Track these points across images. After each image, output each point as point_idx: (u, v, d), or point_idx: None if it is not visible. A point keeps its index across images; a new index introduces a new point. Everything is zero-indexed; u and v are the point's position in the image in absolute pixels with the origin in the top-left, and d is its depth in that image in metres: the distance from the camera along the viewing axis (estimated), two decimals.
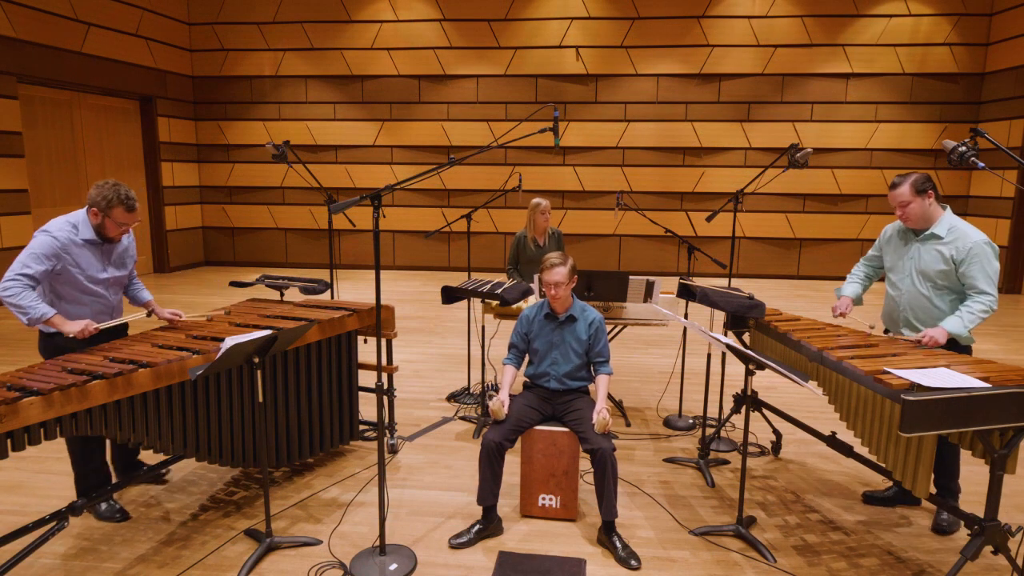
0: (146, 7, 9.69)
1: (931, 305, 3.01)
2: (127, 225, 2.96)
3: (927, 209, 2.96)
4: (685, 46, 9.94)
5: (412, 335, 6.58)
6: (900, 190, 2.97)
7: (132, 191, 2.96)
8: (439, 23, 10.21)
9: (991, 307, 2.85)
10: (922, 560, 2.83)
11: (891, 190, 3.02)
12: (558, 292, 3.11)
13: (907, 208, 2.97)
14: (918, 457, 2.42)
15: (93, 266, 2.96)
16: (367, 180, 10.68)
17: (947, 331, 2.85)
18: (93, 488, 3.00)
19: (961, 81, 9.70)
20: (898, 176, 3.00)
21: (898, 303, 3.14)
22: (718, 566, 2.78)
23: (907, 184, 2.95)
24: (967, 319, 2.85)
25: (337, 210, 2.57)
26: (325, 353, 3.49)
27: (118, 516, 3.10)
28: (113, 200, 2.86)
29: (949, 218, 2.98)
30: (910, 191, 2.94)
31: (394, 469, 3.67)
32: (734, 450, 3.93)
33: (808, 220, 10.28)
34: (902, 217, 3.02)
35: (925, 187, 2.94)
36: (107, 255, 3.03)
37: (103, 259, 3.01)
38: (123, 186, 2.92)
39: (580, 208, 10.51)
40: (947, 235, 2.93)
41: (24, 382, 2.33)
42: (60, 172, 8.70)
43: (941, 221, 2.97)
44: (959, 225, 2.94)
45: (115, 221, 2.90)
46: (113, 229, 2.93)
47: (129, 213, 2.92)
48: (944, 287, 2.96)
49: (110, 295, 3.08)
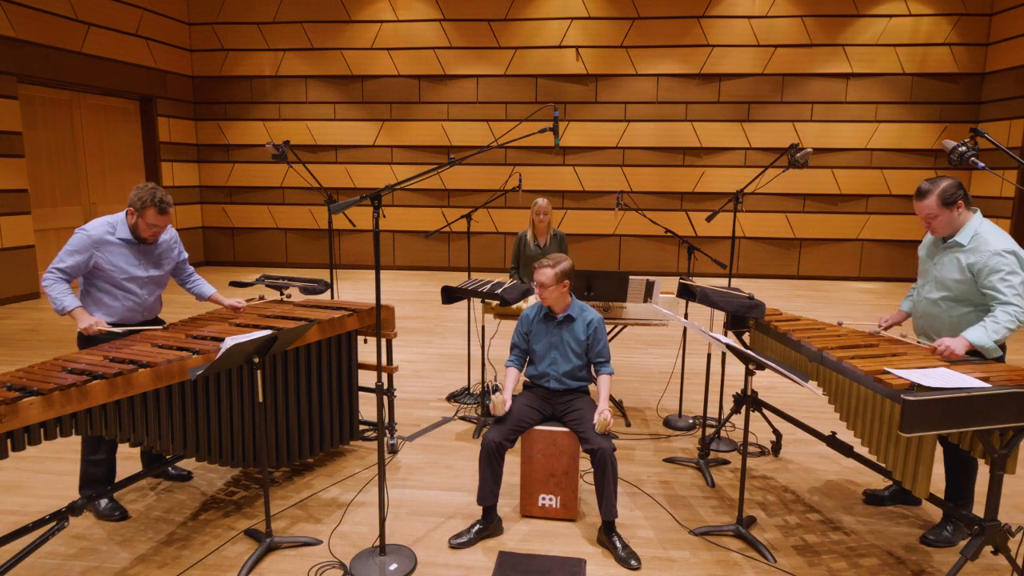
0: (146, 7, 9.69)
1: (938, 315, 2.87)
2: (158, 227, 3.09)
3: (955, 219, 2.78)
4: (685, 46, 9.94)
5: (412, 335, 6.58)
6: (926, 202, 2.77)
7: (168, 195, 3.11)
8: (439, 23, 10.21)
9: (1018, 318, 2.62)
10: (922, 560, 2.83)
11: (917, 199, 2.81)
12: (543, 292, 3.12)
13: (934, 221, 2.79)
14: (918, 457, 2.42)
15: (129, 264, 3.11)
16: (367, 180, 10.68)
17: (968, 341, 2.66)
18: (97, 480, 3.07)
19: (961, 81, 9.70)
20: (926, 181, 2.78)
21: (916, 310, 3.04)
22: (718, 566, 2.78)
23: (934, 196, 2.75)
24: (991, 329, 2.64)
25: (337, 210, 2.57)
26: (325, 353, 3.49)
27: (116, 515, 3.11)
28: (147, 202, 3.01)
29: (975, 225, 2.77)
30: (937, 204, 2.75)
31: (394, 469, 3.67)
32: (734, 450, 3.93)
33: (808, 220, 10.28)
34: (929, 228, 2.85)
35: (954, 198, 2.73)
36: (144, 255, 3.18)
37: (140, 258, 3.16)
38: (160, 189, 3.07)
39: (580, 208, 10.51)
40: (969, 243, 2.75)
41: (24, 382, 2.33)
42: (60, 172, 8.69)
43: (966, 228, 2.78)
44: (983, 232, 2.74)
45: (147, 222, 3.05)
46: (145, 230, 3.07)
47: (161, 215, 3.05)
48: (960, 298, 2.78)
49: (145, 293, 3.21)
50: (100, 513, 3.11)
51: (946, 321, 2.85)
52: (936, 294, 2.88)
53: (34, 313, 7.42)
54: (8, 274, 7.83)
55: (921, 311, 2.99)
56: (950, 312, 2.84)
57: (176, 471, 3.52)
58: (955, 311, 2.83)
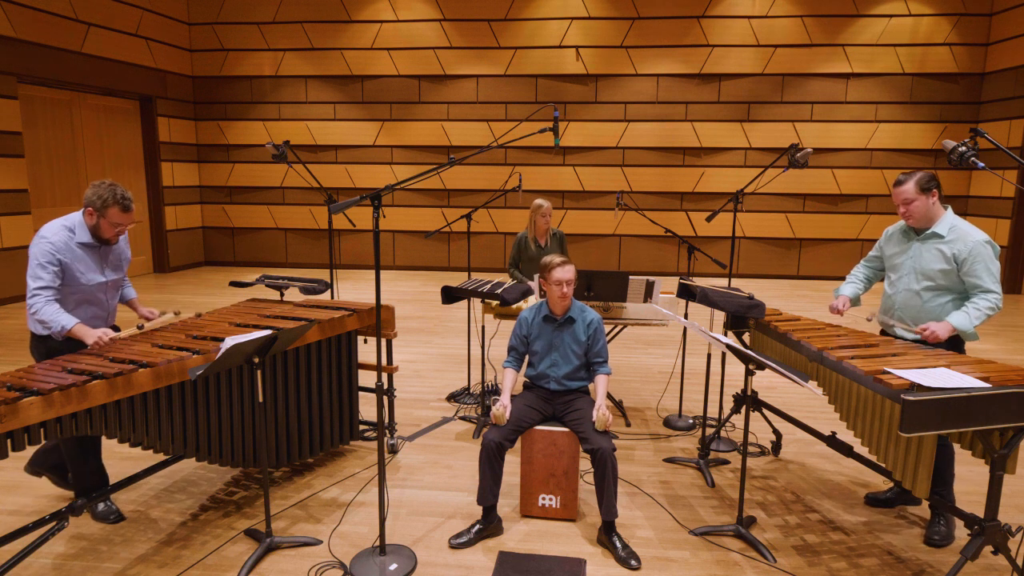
0: (146, 7, 9.69)
1: (922, 305, 3.00)
2: (123, 226, 2.90)
3: (930, 208, 2.94)
4: (685, 46, 9.95)
5: (412, 335, 6.58)
6: (904, 187, 2.96)
7: (128, 191, 2.91)
8: (439, 23, 10.21)
9: (997, 305, 2.83)
10: (922, 560, 2.83)
11: (895, 187, 3.01)
12: (569, 290, 3.14)
13: (911, 206, 2.95)
14: (918, 457, 2.42)
15: (90, 269, 2.91)
16: (367, 180, 10.68)
17: (952, 326, 2.83)
18: (91, 488, 3.00)
19: (961, 81, 9.70)
20: (903, 174, 2.99)
21: (893, 302, 3.14)
22: (718, 566, 2.78)
23: (912, 181, 2.94)
24: (974, 315, 2.83)
25: (337, 210, 2.56)
26: (325, 353, 3.49)
27: (112, 518, 3.09)
28: (108, 200, 2.81)
29: (951, 218, 2.97)
30: (915, 188, 2.93)
31: (394, 469, 3.67)
32: (734, 450, 3.93)
33: (808, 220, 10.28)
34: (904, 215, 3.01)
35: (930, 185, 2.92)
36: (104, 258, 2.99)
37: (100, 262, 2.97)
38: (119, 186, 2.87)
39: (580, 208, 10.51)
40: (948, 234, 2.92)
41: (24, 382, 2.33)
42: (60, 172, 8.70)
43: (942, 220, 2.96)
44: (960, 225, 2.93)
45: (110, 221, 2.85)
46: (108, 230, 2.88)
47: (125, 213, 2.86)
48: (943, 287, 2.94)
49: (108, 299, 3.07)
50: (96, 514, 3.10)
51: (926, 310, 2.99)
52: (918, 285, 3.01)
53: None
54: (8, 274, 7.83)
55: (901, 302, 3.09)
56: (931, 302, 2.98)
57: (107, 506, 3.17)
58: (936, 300, 2.98)
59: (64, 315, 2.76)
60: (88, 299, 2.94)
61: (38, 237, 2.80)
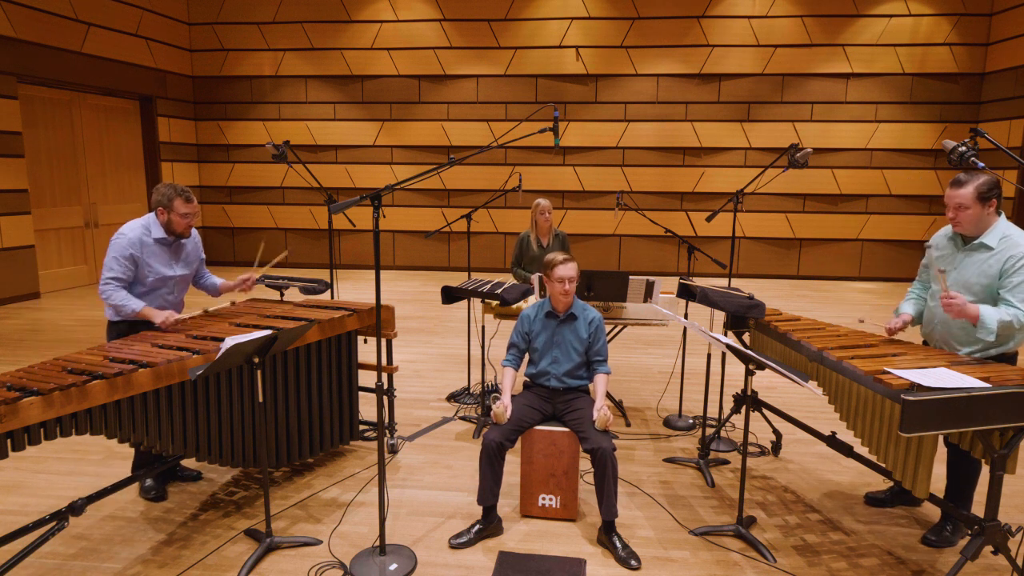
0: (146, 7, 9.69)
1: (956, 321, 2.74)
2: (190, 215, 3.22)
3: (983, 217, 2.67)
4: (685, 46, 9.95)
5: (412, 335, 6.58)
6: (962, 191, 2.65)
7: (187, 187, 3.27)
8: (439, 23, 10.21)
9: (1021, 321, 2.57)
10: (922, 560, 2.83)
11: (951, 187, 2.69)
12: (572, 287, 3.16)
13: (963, 213, 2.67)
14: (918, 457, 2.42)
15: (162, 264, 3.24)
16: (367, 180, 10.68)
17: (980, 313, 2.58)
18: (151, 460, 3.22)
19: (961, 81, 9.70)
20: (963, 174, 2.67)
21: (934, 315, 2.90)
22: (718, 566, 2.78)
23: (972, 186, 2.63)
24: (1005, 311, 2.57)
25: (337, 210, 2.57)
26: (325, 353, 3.49)
27: (152, 495, 3.28)
28: (171, 194, 3.17)
29: (1003, 226, 2.67)
30: (973, 195, 2.63)
31: (394, 469, 3.67)
32: (734, 450, 3.93)
33: (808, 220, 10.28)
34: (953, 220, 2.72)
35: (991, 194, 2.63)
36: (176, 253, 3.31)
37: (173, 257, 3.29)
38: (177, 184, 3.23)
39: (580, 208, 10.51)
40: (998, 245, 2.65)
41: (24, 382, 2.33)
42: (60, 172, 8.69)
43: (993, 230, 2.67)
44: (1013, 234, 2.64)
45: (178, 213, 3.19)
46: (180, 222, 3.21)
47: (188, 203, 3.21)
48: (983, 302, 2.68)
49: (175, 293, 3.36)
50: (143, 489, 3.32)
51: (960, 323, 2.75)
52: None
53: (34, 313, 7.42)
54: (8, 274, 7.83)
55: (941, 316, 2.84)
56: None
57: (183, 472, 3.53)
58: None
59: (133, 299, 3.10)
60: (153, 289, 3.24)
61: (118, 234, 3.14)
